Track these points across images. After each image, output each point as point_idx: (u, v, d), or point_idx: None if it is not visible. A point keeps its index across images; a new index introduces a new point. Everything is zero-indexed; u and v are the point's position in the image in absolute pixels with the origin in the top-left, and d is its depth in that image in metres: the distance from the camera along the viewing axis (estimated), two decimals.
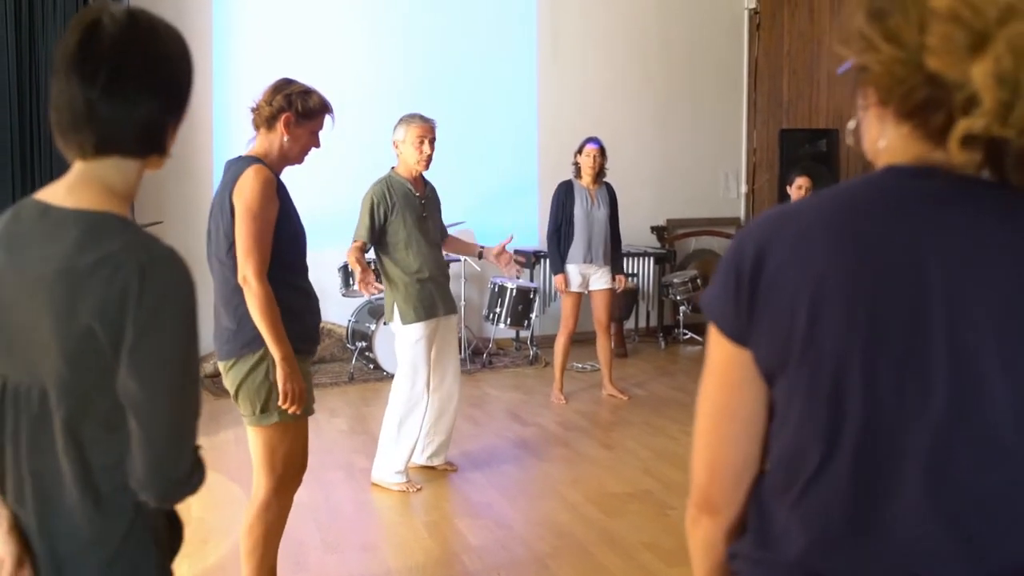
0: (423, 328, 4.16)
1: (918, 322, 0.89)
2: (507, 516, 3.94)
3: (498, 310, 6.52)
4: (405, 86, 6.96)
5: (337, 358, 6.88)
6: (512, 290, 6.42)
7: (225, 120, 6.44)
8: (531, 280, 6.96)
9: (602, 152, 5.66)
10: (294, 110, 2.77)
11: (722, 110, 8.31)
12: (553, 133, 7.49)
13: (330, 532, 3.75)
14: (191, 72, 1.31)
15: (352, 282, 6.27)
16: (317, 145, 2.90)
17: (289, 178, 2.83)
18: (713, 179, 8.35)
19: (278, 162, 2.80)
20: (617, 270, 5.79)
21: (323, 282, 3.37)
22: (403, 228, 4.15)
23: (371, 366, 6.45)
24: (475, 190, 7.26)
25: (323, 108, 2.85)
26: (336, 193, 6.00)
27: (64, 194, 1.25)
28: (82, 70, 1.21)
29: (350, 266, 4.13)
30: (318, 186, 5.66)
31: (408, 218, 4.16)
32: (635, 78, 7.93)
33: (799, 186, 5.76)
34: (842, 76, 0.96)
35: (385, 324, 5.22)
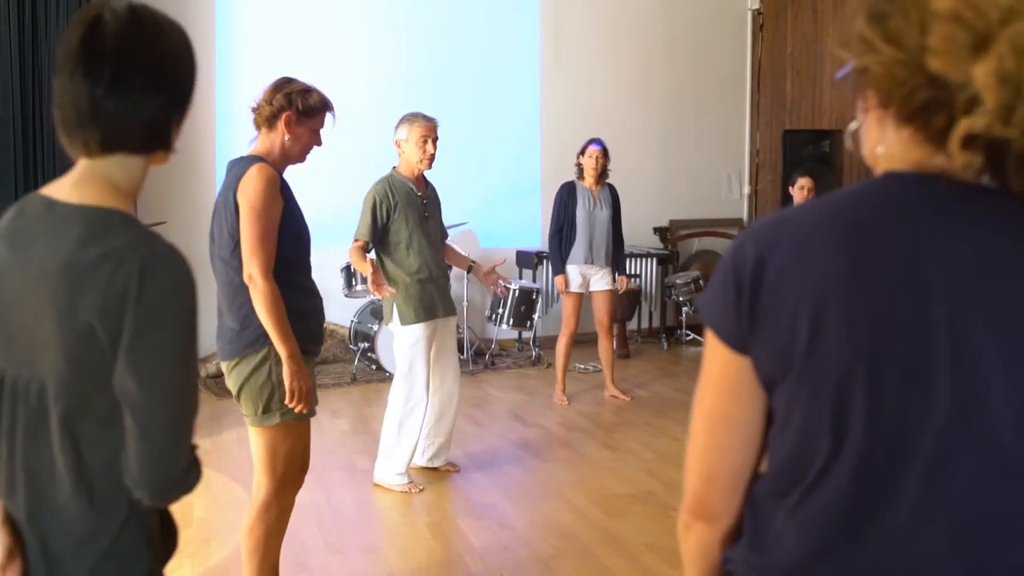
0: (422, 329, 4.15)
1: (920, 329, 0.89)
2: (510, 517, 3.94)
3: (500, 311, 6.52)
4: (407, 86, 6.96)
5: (340, 359, 6.88)
6: (515, 291, 6.41)
7: (228, 120, 6.44)
8: (533, 281, 6.95)
9: (605, 153, 5.66)
10: (295, 109, 2.77)
11: (725, 111, 8.30)
12: (556, 134, 7.48)
13: (332, 533, 3.75)
14: (194, 67, 1.30)
15: (355, 282, 6.27)
16: (319, 143, 2.89)
17: (291, 178, 2.83)
18: (716, 180, 8.34)
19: (280, 161, 2.79)
20: (619, 271, 5.78)
21: (326, 283, 3.37)
22: (405, 228, 4.13)
23: (373, 367, 6.45)
24: (478, 191, 7.26)
25: (324, 106, 2.85)
26: (338, 193, 5.99)
27: (69, 190, 1.25)
28: (85, 67, 1.20)
29: (354, 267, 4.09)
30: (320, 186, 5.65)
31: (410, 218, 4.14)
32: (638, 79, 7.92)
33: (801, 186, 5.75)
34: (842, 79, 0.96)
35: (384, 325, 5.21)
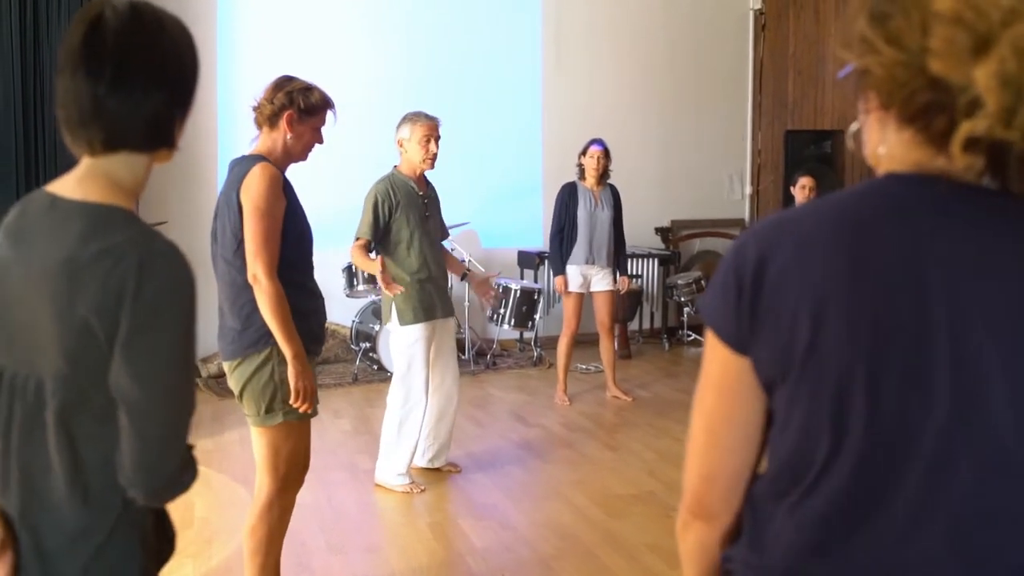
0: (421, 330, 4.14)
1: (920, 329, 0.89)
2: (511, 517, 3.94)
3: (502, 311, 6.51)
4: (408, 86, 6.95)
5: (341, 359, 6.87)
6: (516, 291, 6.41)
7: (229, 119, 6.44)
8: (535, 281, 6.95)
9: (606, 154, 5.65)
10: (296, 107, 2.77)
11: (727, 111, 8.29)
12: (557, 134, 7.48)
13: (334, 533, 3.75)
14: (197, 64, 1.30)
15: (356, 282, 6.26)
16: (320, 141, 2.89)
17: (292, 178, 2.83)
18: (718, 180, 8.33)
19: (282, 160, 2.79)
20: (620, 272, 5.78)
21: (327, 283, 3.36)
22: (406, 227, 4.13)
23: (375, 367, 6.45)
24: (479, 191, 7.26)
25: (325, 104, 2.85)
26: (338, 193, 5.98)
27: (73, 186, 1.25)
28: (87, 66, 1.20)
29: (357, 266, 4.07)
30: (320, 186, 5.64)
31: (411, 217, 4.14)
32: (640, 79, 7.92)
33: (803, 186, 5.74)
34: (844, 80, 0.96)
35: (383, 324, 5.20)
